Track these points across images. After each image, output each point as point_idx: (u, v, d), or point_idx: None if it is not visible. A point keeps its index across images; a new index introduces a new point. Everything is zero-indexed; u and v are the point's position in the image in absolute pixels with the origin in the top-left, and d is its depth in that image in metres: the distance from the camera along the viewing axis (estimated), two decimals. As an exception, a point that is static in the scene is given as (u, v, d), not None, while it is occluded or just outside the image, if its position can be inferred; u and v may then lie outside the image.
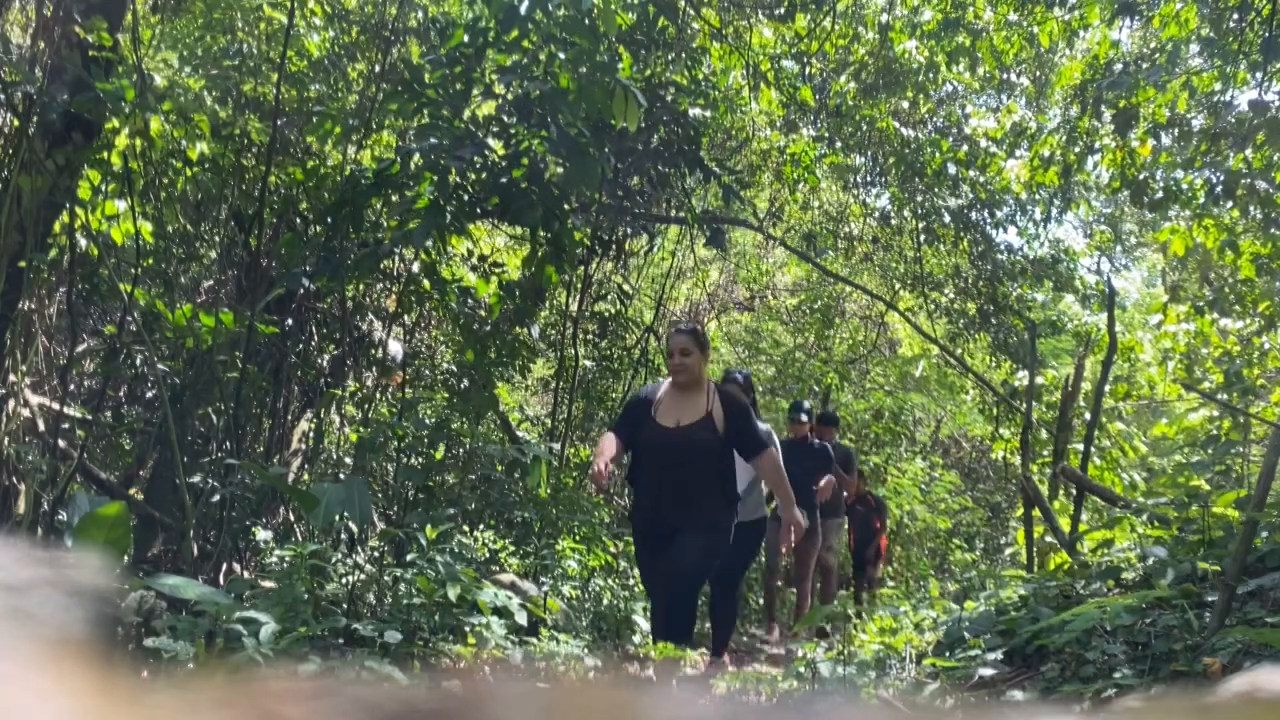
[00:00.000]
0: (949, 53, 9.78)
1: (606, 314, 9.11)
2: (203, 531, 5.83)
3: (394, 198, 6.16)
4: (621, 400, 8.86)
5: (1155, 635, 3.47)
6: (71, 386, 6.85)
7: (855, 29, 10.13)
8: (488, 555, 6.23)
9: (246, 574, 5.56)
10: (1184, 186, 9.00)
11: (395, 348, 7.55)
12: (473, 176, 5.96)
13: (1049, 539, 6.57)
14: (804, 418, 7.76)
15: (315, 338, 7.48)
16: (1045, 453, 8.63)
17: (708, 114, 7.98)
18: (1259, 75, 7.37)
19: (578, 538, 6.55)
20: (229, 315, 6.06)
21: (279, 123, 6.61)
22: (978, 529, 13.63)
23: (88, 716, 0.34)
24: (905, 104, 10.81)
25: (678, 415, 4.66)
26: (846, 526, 9.19)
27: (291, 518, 6.34)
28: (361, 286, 7.16)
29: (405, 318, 7.80)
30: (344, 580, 4.68)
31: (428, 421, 6.83)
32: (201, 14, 7.41)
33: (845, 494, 8.55)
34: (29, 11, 7.08)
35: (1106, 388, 8.16)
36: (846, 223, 12.44)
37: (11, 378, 5.83)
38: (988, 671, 3.81)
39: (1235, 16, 7.84)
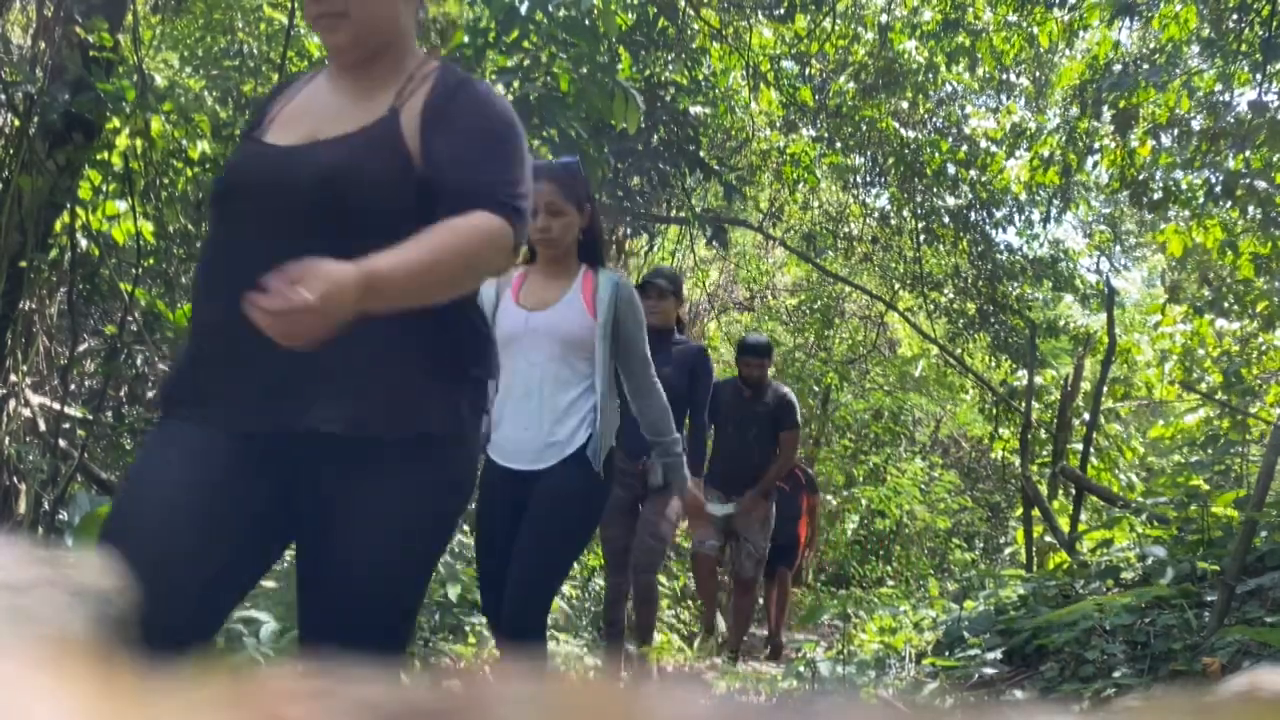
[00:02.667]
0: (949, 53, 9.78)
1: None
2: (203, 531, 5.81)
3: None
4: None
5: (1154, 635, 3.47)
6: (72, 386, 6.84)
7: (855, 29, 10.14)
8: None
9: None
10: (1183, 187, 9.00)
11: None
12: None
13: (1048, 539, 6.57)
14: (663, 283, 4.46)
15: (315, 338, 7.47)
16: (1045, 453, 8.63)
17: (707, 112, 7.97)
18: (1259, 75, 7.37)
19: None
20: (229, 315, 6.04)
21: (279, 123, 6.60)
22: (977, 529, 13.63)
23: (89, 717, 0.34)
24: (905, 104, 10.81)
25: (314, 124, 1.73)
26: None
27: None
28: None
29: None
30: (344, 580, 4.67)
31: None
32: (202, 14, 7.41)
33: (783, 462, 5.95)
34: (29, 12, 7.08)
35: (1105, 388, 8.16)
36: (846, 223, 12.45)
37: (12, 378, 5.83)
38: (988, 671, 3.81)
39: (1235, 17, 7.84)
